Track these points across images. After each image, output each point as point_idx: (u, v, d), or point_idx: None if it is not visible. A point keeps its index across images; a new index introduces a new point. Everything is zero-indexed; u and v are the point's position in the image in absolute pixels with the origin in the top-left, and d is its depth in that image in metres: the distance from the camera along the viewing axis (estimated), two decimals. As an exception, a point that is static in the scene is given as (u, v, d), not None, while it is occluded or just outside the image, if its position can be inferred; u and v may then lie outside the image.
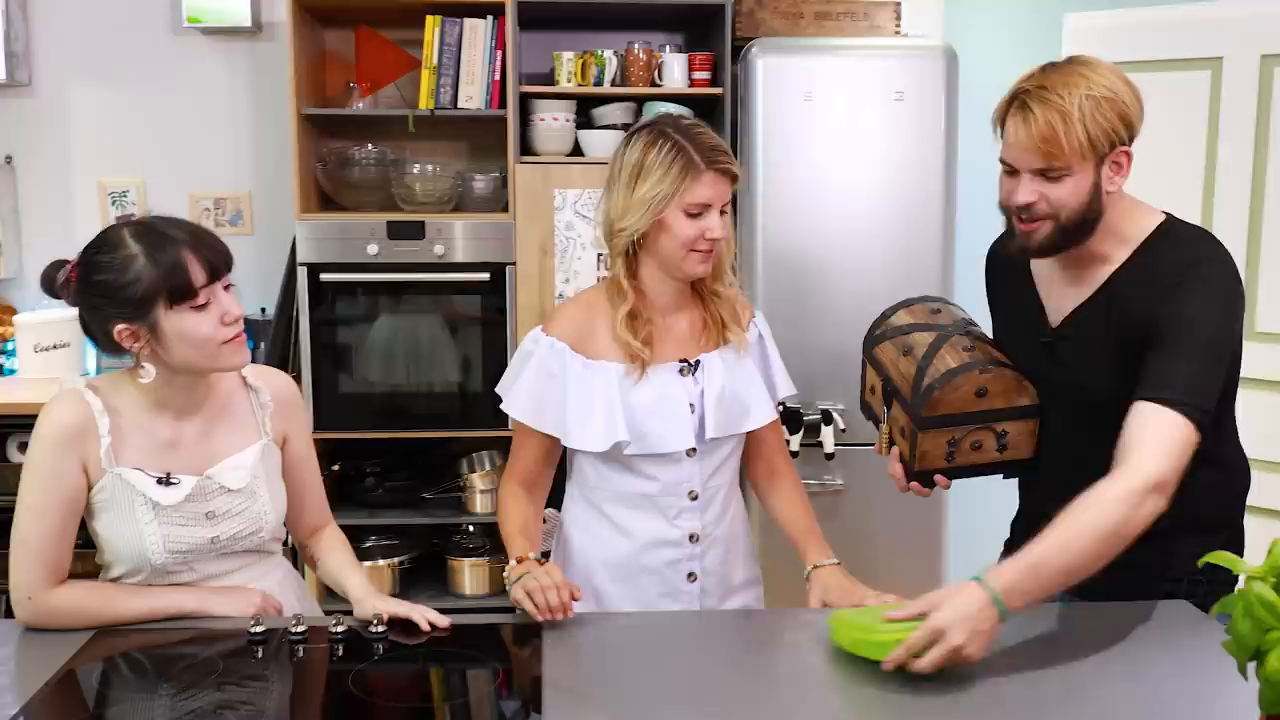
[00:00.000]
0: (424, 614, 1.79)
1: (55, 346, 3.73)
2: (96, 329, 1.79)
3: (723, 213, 1.94)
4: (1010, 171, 1.80)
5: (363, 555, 3.59)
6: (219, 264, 1.78)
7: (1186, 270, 1.76)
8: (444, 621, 1.79)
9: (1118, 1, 3.47)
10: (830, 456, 3.35)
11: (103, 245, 1.77)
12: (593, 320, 2.00)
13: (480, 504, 3.68)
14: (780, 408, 3.25)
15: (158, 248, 1.73)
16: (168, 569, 1.83)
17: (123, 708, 1.60)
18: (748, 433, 2.09)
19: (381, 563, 3.60)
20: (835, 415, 3.34)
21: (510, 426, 3.49)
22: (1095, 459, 1.71)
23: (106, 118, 3.86)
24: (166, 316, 1.73)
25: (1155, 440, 1.65)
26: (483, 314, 3.55)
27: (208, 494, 1.84)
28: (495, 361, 3.54)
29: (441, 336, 3.59)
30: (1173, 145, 3.35)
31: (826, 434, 3.33)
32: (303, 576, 2.16)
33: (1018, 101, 1.74)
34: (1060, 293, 1.91)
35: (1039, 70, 1.77)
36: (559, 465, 2.12)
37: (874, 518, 3.37)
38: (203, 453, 1.86)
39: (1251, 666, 1.13)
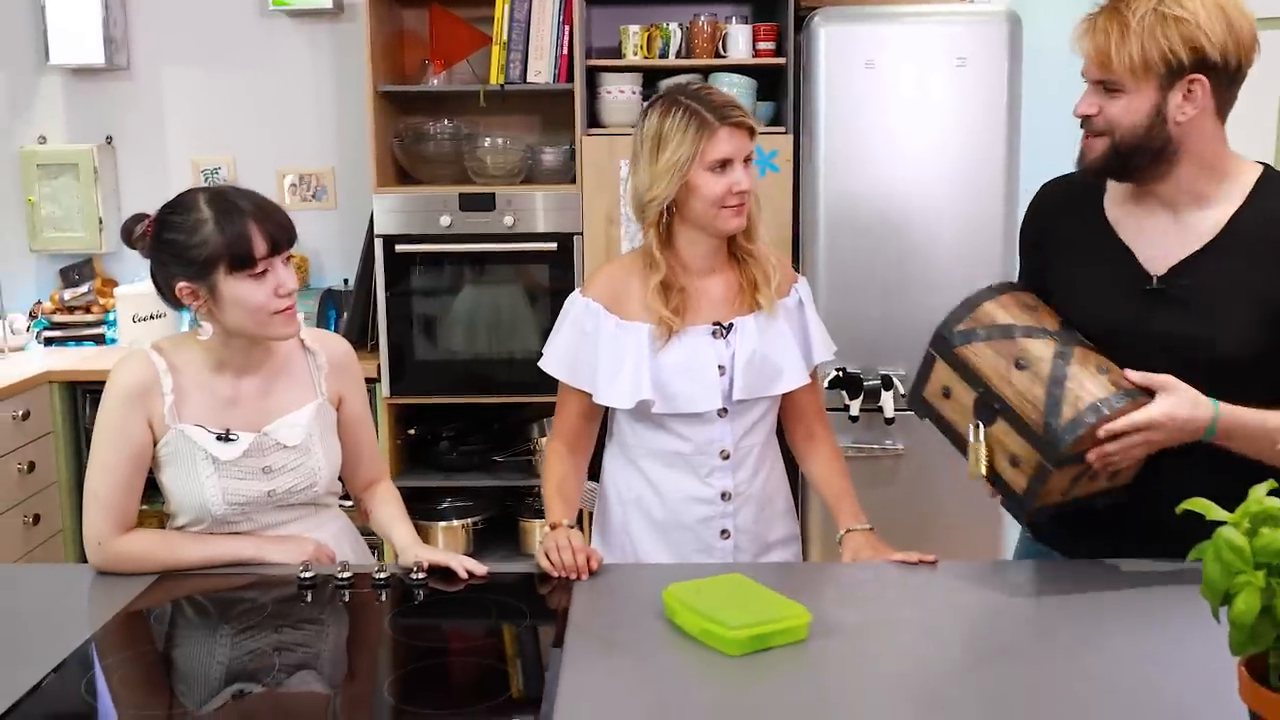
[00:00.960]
0: (462, 562, 1.88)
1: (152, 317, 3.94)
2: (162, 282, 1.92)
3: (748, 161, 1.98)
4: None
5: (438, 516, 3.75)
6: (281, 238, 1.88)
7: None
8: (481, 570, 1.88)
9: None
10: (890, 421, 3.38)
11: (177, 207, 1.89)
12: (628, 282, 2.06)
13: (551, 467, 3.80)
14: (840, 373, 3.34)
15: (226, 216, 1.84)
16: (227, 519, 1.94)
17: (182, 643, 1.73)
18: (784, 395, 2.13)
19: (456, 523, 3.75)
20: (895, 380, 3.38)
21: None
22: None
23: (199, 98, 4.06)
24: (225, 281, 1.84)
25: None
26: (551, 283, 3.66)
27: (264, 450, 1.95)
28: (563, 329, 3.65)
29: (511, 305, 3.71)
30: (1259, 108, 3.29)
31: (886, 399, 3.36)
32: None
33: (1096, 8, 1.71)
34: (1158, 240, 1.78)
35: None
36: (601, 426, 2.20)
37: (933, 482, 3.40)
38: (260, 410, 1.97)
39: (1224, 611, 1.15)
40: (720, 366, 2.04)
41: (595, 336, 2.05)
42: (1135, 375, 1.68)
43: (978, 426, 1.76)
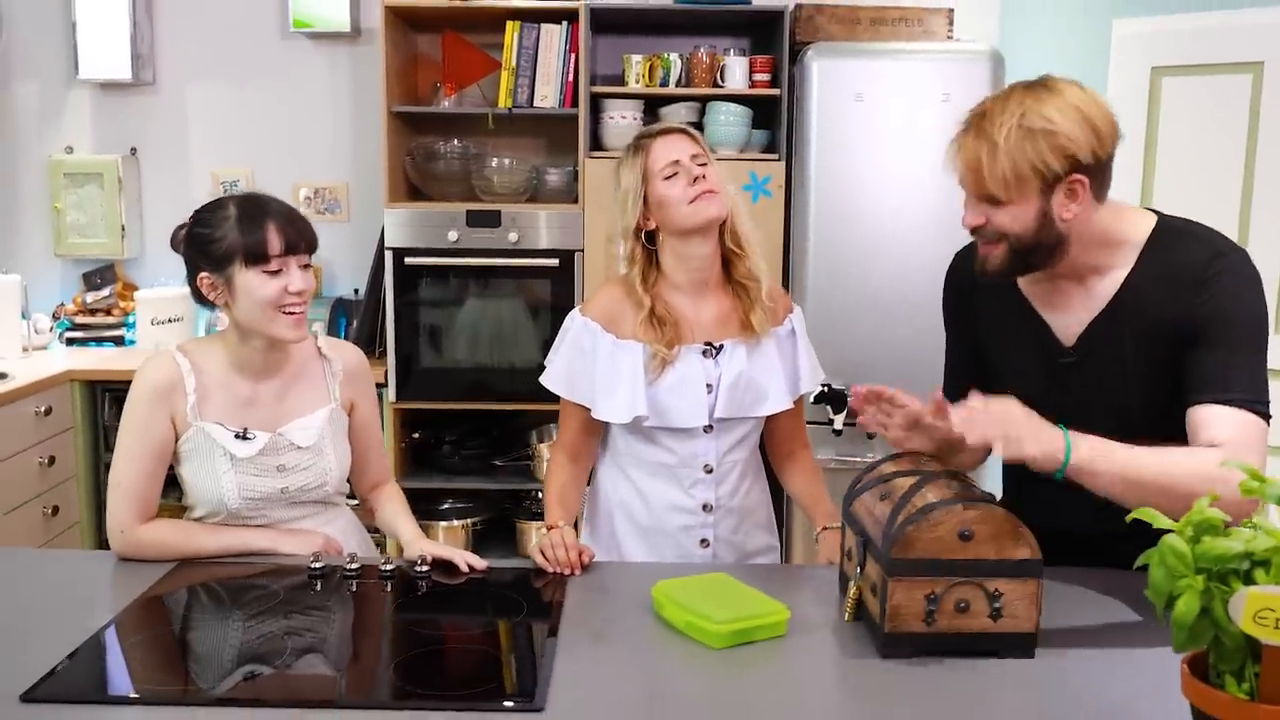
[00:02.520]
0: (464, 557, 1.99)
1: (170, 320, 4.12)
2: (190, 276, 2.03)
3: (701, 164, 2.09)
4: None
5: (439, 516, 3.92)
6: (297, 241, 1.99)
7: (1212, 262, 1.71)
8: (481, 564, 1.97)
9: (1163, 8, 3.60)
10: (871, 436, 3.55)
11: (210, 206, 2.03)
12: (625, 303, 2.16)
13: (546, 472, 3.96)
14: (826, 389, 3.50)
15: (250, 215, 1.98)
16: (242, 513, 2.04)
17: (198, 626, 1.81)
18: (769, 417, 2.20)
19: (456, 523, 3.92)
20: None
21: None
22: None
23: (220, 114, 4.25)
24: (241, 273, 1.96)
25: (1244, 446, 1.63)
26: (552, 297, 3.83)
27: (279, 449, 2.05)
28: (563, 341, 3.82)
29: (514, 317, 3.88)
30: (1214, 147, 3.48)
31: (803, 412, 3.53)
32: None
33: (961, 124, 1.73)
34: (1065, 307, 1.83)
35: (998, 93, 1.75)
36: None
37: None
38: (277, 412, 2.07)
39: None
40: (708, 385, 2.14)
41: (593, 354, 2.15)
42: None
43: (858, 571, 1.74)
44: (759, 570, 2.16)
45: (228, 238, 1.97)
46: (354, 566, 1.96)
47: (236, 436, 2.04)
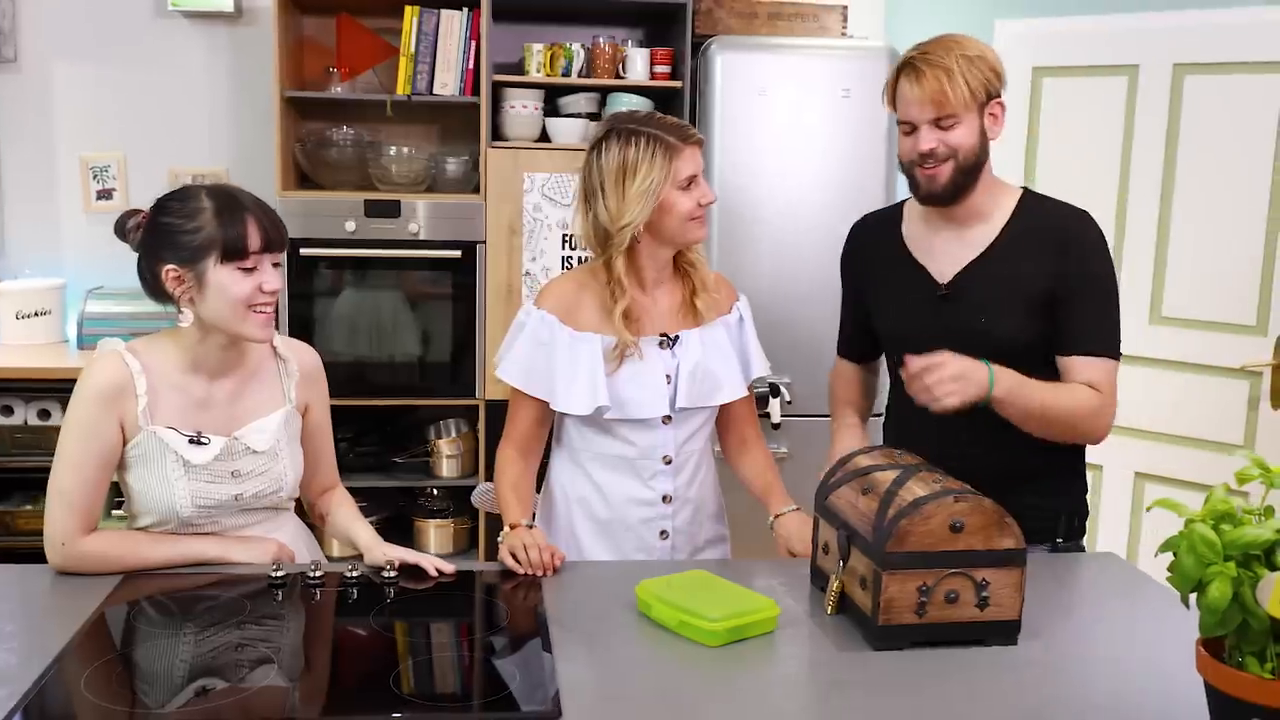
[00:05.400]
0: (432, 561, 1.95)
1: (36, 314, 3.88)
2: (147, 269, 1.93)
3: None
4: (908, 131, 2.07)
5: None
6: (275, 238, 1.91)
7: (1078, 223, 2.09)
8: (450, 569, 1.94)
9: (1043, 10, 3.76)
10: (777, 426, 3.61)
11: (178, 195, 1.93)
12: (580, 296, 2.18)
13: (446, 468, 3.90)
14: (770, 387, 3.54)
15: (227, 207, 1.88)
16: (192, 521, 1.96)
17: (152, 645, 1.69)
18: (721, 405, 2.26)
19: (354, 522, 3.81)
20: (782, 388, 3.61)
21: (478, 396, 3.75)
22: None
23: (89, 95, 4.00)
24: (214, 269, 1.86)
25: (1110, 388, 2.05)
26: (453, 289, 3.76)
27: (234, 454, 1.97)
28: (465, 334, 3.77)
29: (414, 309, 3.80)
30: (1091, 146, 3.65)
31: (774, 405, 3.59)
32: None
33: (906, 67, 2.05)
34: (944, 253, 2.15)
35: (917, 45, 2.08)
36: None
37: (814, 481, 3.64)
38: (232, 414, 1.99)
39: (1193, 598, 1.30)
40: (667, 375, 2.17)
41: (551, 347, 2.14)
42: (916, 360, 1.96)
43: (841, 564, 1.80)
44: (725, 565, 2.19)
45: (203, 231, 1.87)
46: (317, 574, 1.90)
47: (190, 441, 1.94)
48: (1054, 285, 2.05)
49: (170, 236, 1.89)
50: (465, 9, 3.68)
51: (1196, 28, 3.44)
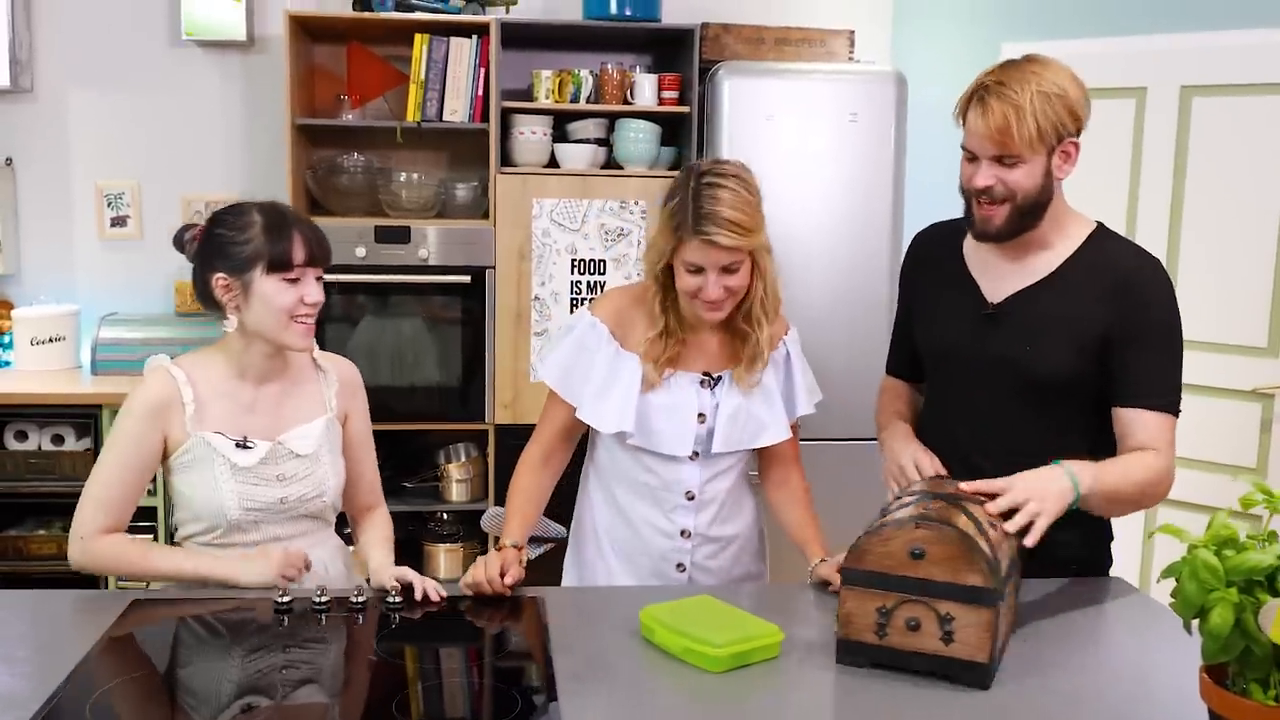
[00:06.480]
0: (424, 584, 1.95)
1: (51, 340, 3.92)
2: (199, 277, 2.03)
3: (729, 271, 1.98)
4: (971, 158, 1.95)
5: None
6: (319, 254, 2.03)
7: (1143, 267, 1.97)
8: (435, 596, 1.93)
9: (1051, 33, 3.77)
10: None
11: (232, 210, 2.04)
12: (635, 310, 2.13)
13: (456, 492, 3.91)
14: None
15: (275, 222, 2.00)
16: (241, 525, 2.02)
17: (184, 668, 1.72)
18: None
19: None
20: (791, 411, 3.60)
21: (487, 420, 3.76)
22: (1020, 434, 1.97)
23: (104, 123, 4.04)
24: (260, 279, 1.97)
25: (1168, 447, 1.95)
26: (463, 314, 3.78)
27: (279, 458, 2.05)
28: (474, 359, 3.78)
29: (424, 334, 3.81)
30: (1099, 168, 3.65)
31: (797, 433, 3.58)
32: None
33: (978, 94, 1.91)
34: (999, 275, 2.04)
35: (998, 66, 1.95)
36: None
37: (826, 506, 3.63)
38: (276, 418, 2.08)
39: (1195, 624, 1.29)
40: (701, 414, 2.12)
41: (594, 355, 2.11)
42: (990, 505, 1.80)
43: None
44: (743, 590, 2.16)
45: (252, 243, 1.98)
46: (323, 599, 1.90)
47: (237, 445, 2.02)
48: (1109, 329, 1.94)
49: (222, 247, 2.00)
50: (474, 36, 3.71)
51: (1204, 49, 3.45)
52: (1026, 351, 1.98)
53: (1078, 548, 2.06)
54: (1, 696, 1.55)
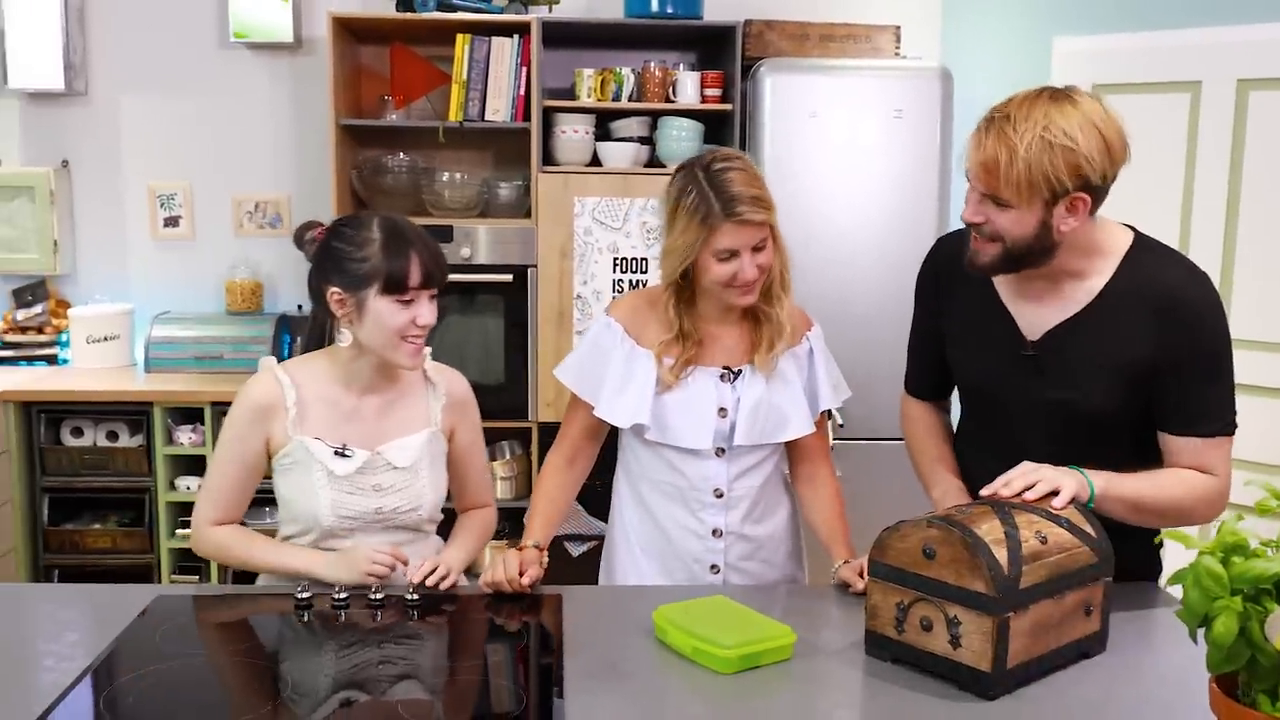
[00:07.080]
0: (425, 570, 1.95)
1: (106, 339, 4.00)
2: (315, 285, 2.03)
3: (758, 249, 1.99)
4: (970, 185, 1.81)
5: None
6: (436, 275, 1.99)
7: (1188, 285, 1.80)
8: (432, 582, 1.95)
9: (1103, 27, 3.69)
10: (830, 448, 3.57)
11: (352, 222, 2.02)
12: (650, 311, 2.13)
13: (501, 490, 3.91)
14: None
15: (394, 241, 1.96)
16: (335, 532, 2.02)
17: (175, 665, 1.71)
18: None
19: (407, 544, 3.84)
20: (834, 412, 3.56)
21: (530, 418, 3.77)
22: (1068, 465, 1.80)
23: (156, 125, 4.13)
24: (374, 298, 1.95)
25: (1224, 468, 1.85)
26: (506, 312, 3.79)
27: (376, 468, 2.03)
28: (517, 357, 3.79)
29: (467, 333, 3.83)
30: (1154, 164, 3.56)
31: (826, 429, 3.55)
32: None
33: (983, 121, 1.75)
34: (1035, 308, 1.89)
35: (1021, 95, 1.75)
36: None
37: (870, 506, 3.58)
38: (377, 429, 2.06)
39: (1201, 633, 1.25)
40: (722, 409, 2.10)
41: (609, 354, 2.12)
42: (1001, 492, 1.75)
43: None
44: (758, 592, 2.13)
45: (370, 261, 1.96)
46: (341, 596, 1.91)
47: (336, 453, 2.02)
48: (1155, 355, 1.80)
49: (339, 261, 1.98)
50: (516, 36, 3.73)
51: (1261, 42, 3.35)
52: (1075, 396, 1.85)
53: (1128, 559, 1.89)
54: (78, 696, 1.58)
